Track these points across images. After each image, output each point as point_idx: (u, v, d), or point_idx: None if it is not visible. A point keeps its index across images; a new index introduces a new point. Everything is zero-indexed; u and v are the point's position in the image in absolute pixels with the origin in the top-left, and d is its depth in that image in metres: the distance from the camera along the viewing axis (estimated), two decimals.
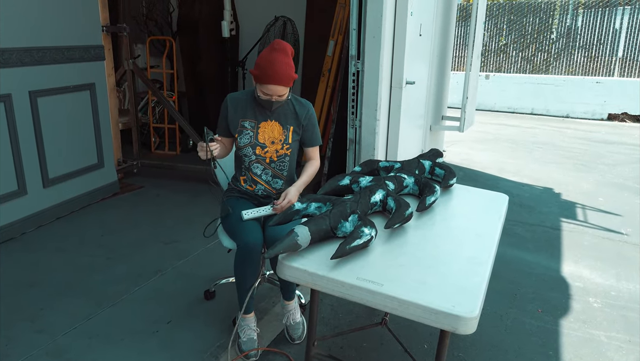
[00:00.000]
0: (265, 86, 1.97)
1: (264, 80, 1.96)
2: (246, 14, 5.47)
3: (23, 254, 2.98)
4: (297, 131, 2.14)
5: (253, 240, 1.96)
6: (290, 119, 2.13)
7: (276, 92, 1.98)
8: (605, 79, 8.75)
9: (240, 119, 2.11)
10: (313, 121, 2.18)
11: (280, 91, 1.98)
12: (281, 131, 2.11)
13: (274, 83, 1.95)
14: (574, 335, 2.34)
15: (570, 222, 3.76)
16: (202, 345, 2.18)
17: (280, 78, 1.95)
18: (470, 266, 1.52)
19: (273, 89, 1.97)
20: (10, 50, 3.00)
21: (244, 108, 2.11)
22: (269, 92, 1.98)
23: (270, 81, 1.95)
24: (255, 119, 2.10)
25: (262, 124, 2.10)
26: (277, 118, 2.11)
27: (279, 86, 1.97)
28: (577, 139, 6.90)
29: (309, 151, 2.23)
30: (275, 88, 1.97)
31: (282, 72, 1.94)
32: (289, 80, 1.98)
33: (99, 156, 3.83)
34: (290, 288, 2.23)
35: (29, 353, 2.09)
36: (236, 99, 2.13)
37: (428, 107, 4.39)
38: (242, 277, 2.04)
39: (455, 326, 1.29)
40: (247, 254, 1.97)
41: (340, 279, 1.42)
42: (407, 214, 1.71)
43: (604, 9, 9.18)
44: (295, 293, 2.28)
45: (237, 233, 2.01)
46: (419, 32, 3.61)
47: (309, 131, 2.17)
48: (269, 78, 1.95)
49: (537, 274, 2.93)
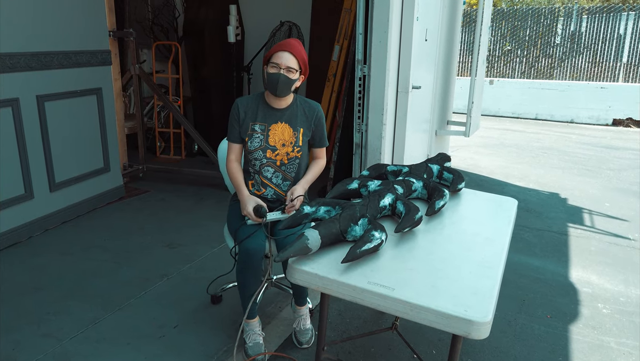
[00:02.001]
0: (276, 54, 1.98)
1: (276, 49, 1.98)
2: (252, 19, 5.49)
3: (29, 258, 2.98)
4: (307, 133, 2.14)
5: (254, 246, 1.95)
6: (300, 121, 2.12)
7: (286, 61, 1.97)
8: (610, 84, 8.74)
9: (251, 123, 2.10)
10: (322, 122, 2.18)
11: (290, 60, 1.97)
12: (291, 133, 2.10)
13: (285, 49, 1.97)
14: (584, 341, 2.32)
15: (577, 227, 3.74)
16: (208, 349, 2.17)
17: (291, 47, 1.98)
18: (481, 270, 1.51)
19: (283, 55, 1.97)
20: (18, 55, 3.02)
21: (254, 111, 2.11)
22: (279, 60, 1.97)
23: (281, 48, 1.97)
24: (265, 122, 2.10)
25: (273, 127, 2.09)
26: (287, 120, 2.10)
27: (289, 54, 1.97)
28: (582, 145, 6.88)
29: (316, 152, 2.24)
30: (286, 55, 1.97)
31: (294, 45, 1.99)
32: (300, 54, 2.00)
33: (105, 160, 3.83)
34: (302, 294, 2.22)
35: (35, 357, 2.08)
36: (246, 102, 2.13)
37: (433, 112, 4.38)
38: (244, 282, 2.04)
39: (467, 331, 1.27)
40: (248, 260, 1.97)
41: (351, 283, 1.41)
42: (416, 218, 1.70)
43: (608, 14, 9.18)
44: (307, 299, 2.27)
45: (238, 239, 2.01)
46: (425, 37, 3.61)
47: (318, 132, 2.17)
48: (280, 47, 1.98)
49: (545, 279, 2.91)
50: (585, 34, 9.45)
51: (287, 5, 5.23)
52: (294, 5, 5.20)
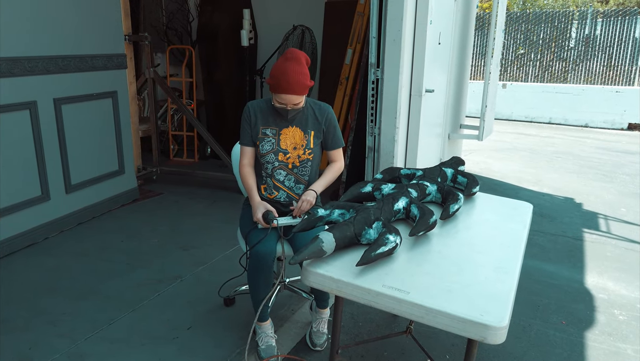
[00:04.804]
0: (279, 95, 1.98)
1: (278, 90, 1.97)
2: (265, 23, 5.52)
3: (45, 259, 3.01)
4: (319, 135, 2.14)
5: (264, 250, 1.96)
6: (311, 124, 2.13)
7: (290, 101, 1.99)
8: (625, 88, 8.63)
9: (262, 127, 2.12)
10: (333, 123, 2.17)
11: (294, 100, 1.99)
12: (302, 136, 2.11)
13: (288, 93, 1.96)
14: (600, 348, 2.29)
15: (592, 232, 3.69)
16: (222, 351, 2.18)
17: (293, 88, 1.95)
18: (497, 275, 1.50)
19: (287, 98, 1.98)
20: (37, 59, 3.07)
21: (265, 115, 2.12)
22: (284, 101, 1.99)
23: (283, 90, 1.96)
24: (276, 126, 2.11)
25: (284, 131, 2.10)
26: (297, 124, 2.11)
27: (292, 95, 1.97)
28: (597, 149, 6.80)
29: (331, 154, 2.21)
30: (289, 97, 1.97)
31: (295, 82, 1.94)
32: (303, 89, 1.98)
33: (120, 162, 3.87)
34: (323, 297, 2.23)
35: (51, 356, 2.10)
36: (257, 106, 2.14)
37: (446, 115, 4.37)
38: (255, 285, 2.05)
39: (484, 336, 1.26)
40: (258, 263, 1.98)
41: (366, 287, 1.41)
42: (431, 222, 1.70)
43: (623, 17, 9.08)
44: (328, 302, 2.27)
45: (251, 242, 2.02)
46: (438, 41, 3.60)
47: (330, 133, 2.16)
48: (282, 88, 1.95)
49: (559, 285, 2.87)
50: (600, 38, 9.36)
51: (300, 9, 5.25)
52: (307, 9, 5.22)
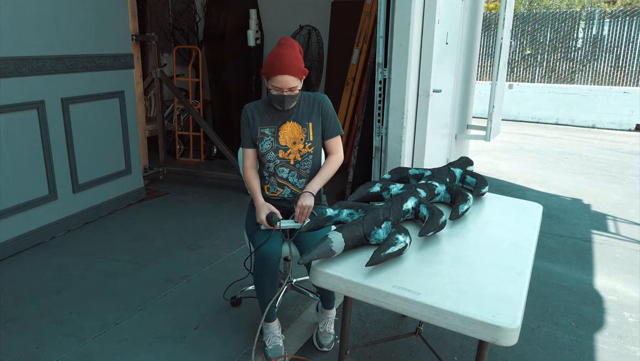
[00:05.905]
0: (275, 78, 1.95)
1: (273, 72, 1.95)
2: (271, 23, 5.52)
3: (52, 258, 3.02)
4: (317, 126, 2.12)
5: (269, 250, 1.95)
6: (307, 115, 2.12)
7: (286, 84, 1.96)
8: (633, 89, 8.56)
9: (260, 127, 2.11)
10: (329, 110, 2.14)
11: (290, 82, 1.96)
12: (301, 130, 2.10)
13: (282, 73, 1.94)
14: (610, 351, 2.26)
15: (601, 234, 3.66)
16: (229, 351, 2.17)
17: (288, 68, 1.93)
18: (508, 276, 1.48)
19: (282, 80, 1.95)
20: (44, 59, 3.08)
21: (262, 115, 2.12)
22: (279, 84, 1.96)
23: (278, 71, 1.94)
24: (274, 124, 2.11)
25: (282, 127, 2.10)
26: (294, 119, 2.10)
27: (288, 76, 1.95)
28: (604, 150, 6.75)
29: (329, 144, 2.17)
30: (285, 79, 1.95)
31: (289, 63, 1.93)
32: (298, 71, 1.97)
33: (127, 162, 3.88)
34: (329, 298, 2.22)
35: (59, 355, 2.10)
36: (254, 107, 2.14)
37: (454, 115, 4.35)
38: (261, 286, 2.04)
39: (495, 337, 1.25)
40: (263, 263, 1.97)
41: (376, 287, 1.40)
42: (440, 222, 1.68)
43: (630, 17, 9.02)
44: (334, 303, 2.26)
45: (255, 243, 2.02)
46: (446, 41, 3.58)
47: (327, 121, 2.14)
48: (276, 69, 1.94)
49: (568, 287, 2.85)
50: (608, 38, 9.29)
51: (307, 10, 5.25)
52: (313, 10, 5.22)
